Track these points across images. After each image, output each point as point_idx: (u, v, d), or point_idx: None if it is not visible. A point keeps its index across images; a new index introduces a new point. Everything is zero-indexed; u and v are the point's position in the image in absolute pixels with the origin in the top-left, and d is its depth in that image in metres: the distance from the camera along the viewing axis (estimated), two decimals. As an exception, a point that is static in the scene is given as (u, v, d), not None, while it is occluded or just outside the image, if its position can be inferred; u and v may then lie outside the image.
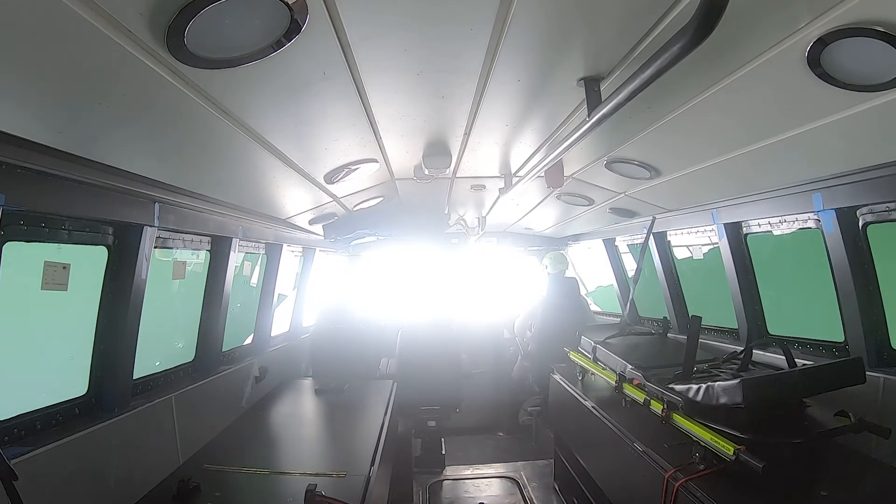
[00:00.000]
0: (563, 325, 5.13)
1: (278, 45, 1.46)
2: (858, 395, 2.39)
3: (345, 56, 1.68)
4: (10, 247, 1.84)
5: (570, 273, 6.03)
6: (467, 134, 2.68)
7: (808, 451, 2.42)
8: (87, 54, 1.27)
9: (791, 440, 2.23)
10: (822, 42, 1.47)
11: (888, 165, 2.19)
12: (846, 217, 2.62)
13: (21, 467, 1.76)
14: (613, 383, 3.42)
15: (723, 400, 2.36)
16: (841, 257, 2.68)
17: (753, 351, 3.20)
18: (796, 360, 2.73)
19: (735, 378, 2.40)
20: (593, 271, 6.88)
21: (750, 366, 2.86)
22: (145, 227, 2.41)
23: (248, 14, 1.33)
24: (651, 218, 4.21)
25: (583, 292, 5.97)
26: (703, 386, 2.47)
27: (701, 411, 2.50)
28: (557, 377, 4.48)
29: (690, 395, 2.54)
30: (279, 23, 1.37)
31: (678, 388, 2.68)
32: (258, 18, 1.35)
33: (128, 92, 1.53)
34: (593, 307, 6.78)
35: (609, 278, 6.01)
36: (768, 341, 2.85)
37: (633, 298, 5.62)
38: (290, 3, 1.29)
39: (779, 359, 3.12)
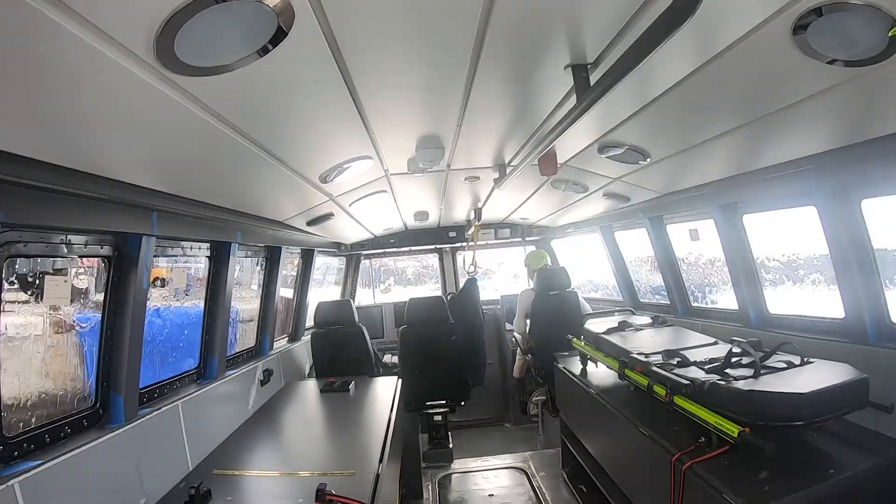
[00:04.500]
0: (559, 316, 5.16)
1: (265, 50, 1.46)
2: (860, 369, 2.39)
3: (333, 56, 1.68)
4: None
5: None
6: (459, 125, 2.69)
7: (813, 429, 2.43)
8: (77, 69, 1.28)
9: (794, 422, 2.23)
10: (807, 17, 1.47)
11: (879, 140, 2.20)
12: (840, 192, 2.63)
13: (31, 482, 1.77)
14: (616, 369, 3.43)
15: (726, 398, 2.37)
16: (837, 233, 2.69)
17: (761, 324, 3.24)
18: (801, 335, 2.75)
19: (743, 385, 2.37)
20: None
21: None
22: (144, 236, 2.41)
23: (234, 21, 1.33)
24: None
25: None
26: (710, 381, 2.47)
27: (704, 397, 2.51)
28: (561, 366, 4.50)
29: (696, 384, 2.54)
30: (266, 28, 1.37)
31: (684, 373, 2.69)
32: (245, 25, 1.35)
33: (120, 103, 1.53)
34: (594, 294, 6.81)
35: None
36: (788, 348, 2.76)
37: (634, 284, 5.65)
38: (275, 8, 1.30)
39: (784, 335, 3.13)
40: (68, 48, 1.17)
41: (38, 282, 2.07)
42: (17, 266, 2.00)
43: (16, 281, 2.00)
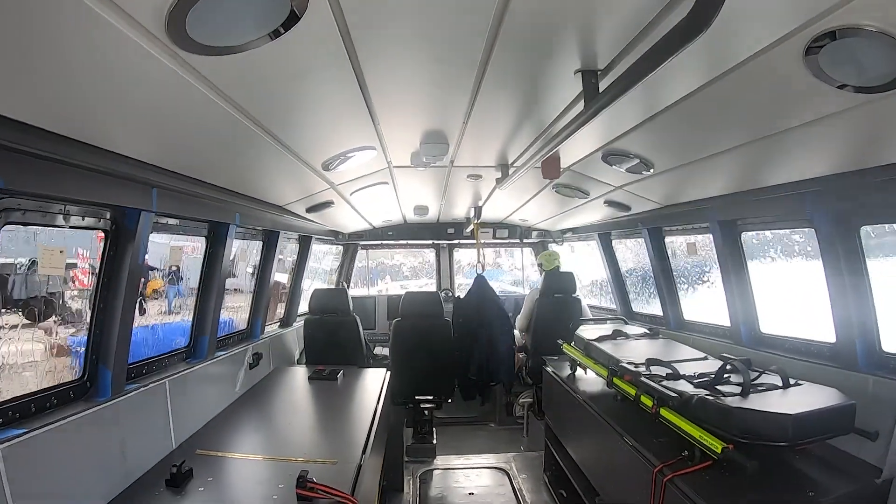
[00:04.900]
0: (559, 320, 5.17)
1: (276, 34, 1.46)
2: (848, 395, 2.40)
3: (344, 45, 1.67)
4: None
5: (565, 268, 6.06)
6: (465, 123, 2.68)
7: (796, 451, 2.44)
8: (86, 39, 1.27)
9: (778, 442, 2.24)
10: (821, 40, 1.47)
11: (881, 168, 2.20)
12: (839, 218, 2.63)
13: (14, 450, 1.77)
14: (605, 377, 3.44)
15: (714, 414, 2.37)
16: (834, 258, 2.70)
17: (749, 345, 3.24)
18: (791, 356, 2.83)
19: (731, 402, 2.38)
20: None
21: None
22: (143, 211, 2.40)
23: (248, 3, 1.32)
24: None
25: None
26: (698, 395, 2.48)
27: (691, 411, 2.51)
28: (550, 370, 4.51)
29: (684, 397, 2.55)
30: (279, 11, 1.37)
31: (673, 386, 2.69)
32: (258, 7, 1.35)
33: (128, 77, 1.52)
34: (588, 301, 6.81)
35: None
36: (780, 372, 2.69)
37: (627, 294, 5.67)
38: None
39: (775, 355, 3.14)
40: (76, 17, 1.16)
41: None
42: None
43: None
